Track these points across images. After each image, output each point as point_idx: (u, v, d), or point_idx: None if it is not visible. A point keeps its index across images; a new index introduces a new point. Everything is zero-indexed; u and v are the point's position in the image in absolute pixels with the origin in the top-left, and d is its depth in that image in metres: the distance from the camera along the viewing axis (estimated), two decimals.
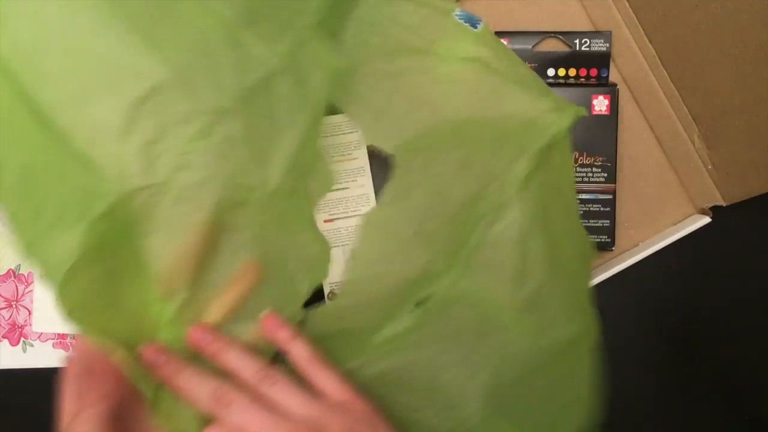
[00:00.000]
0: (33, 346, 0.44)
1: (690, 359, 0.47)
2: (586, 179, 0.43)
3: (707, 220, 0.43)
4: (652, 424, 0.47)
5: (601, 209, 0.43)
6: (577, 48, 0.45)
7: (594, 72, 0.45)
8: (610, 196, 0.43)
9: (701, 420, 0.47)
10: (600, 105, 0.43)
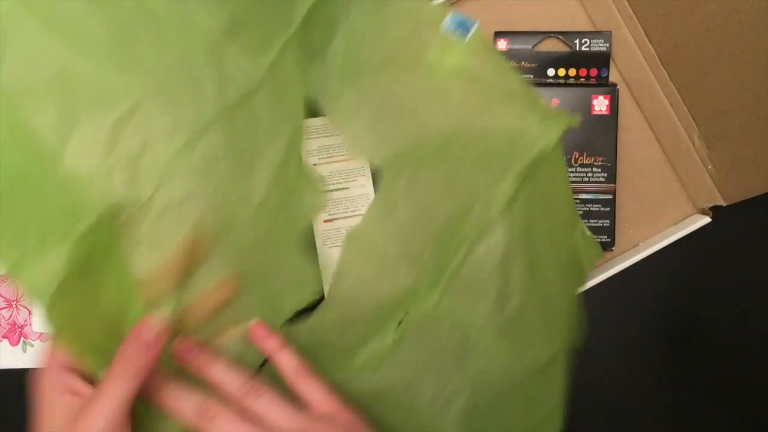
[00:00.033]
0: (33, 346, 0.44)
1: (690, 359, 0.47)
2: (586, 179, 0.43)
3: (707, 220, 0.43)
4: (652, 424, 0.47)
5: (601, 209, 0.43)
6: (577, 48, 0.45)
7: (594, 72, 0.45)
8: (610, 196, 0.43)
9: (701, 419, 0.47)
10: (600, 105, 0.43)
